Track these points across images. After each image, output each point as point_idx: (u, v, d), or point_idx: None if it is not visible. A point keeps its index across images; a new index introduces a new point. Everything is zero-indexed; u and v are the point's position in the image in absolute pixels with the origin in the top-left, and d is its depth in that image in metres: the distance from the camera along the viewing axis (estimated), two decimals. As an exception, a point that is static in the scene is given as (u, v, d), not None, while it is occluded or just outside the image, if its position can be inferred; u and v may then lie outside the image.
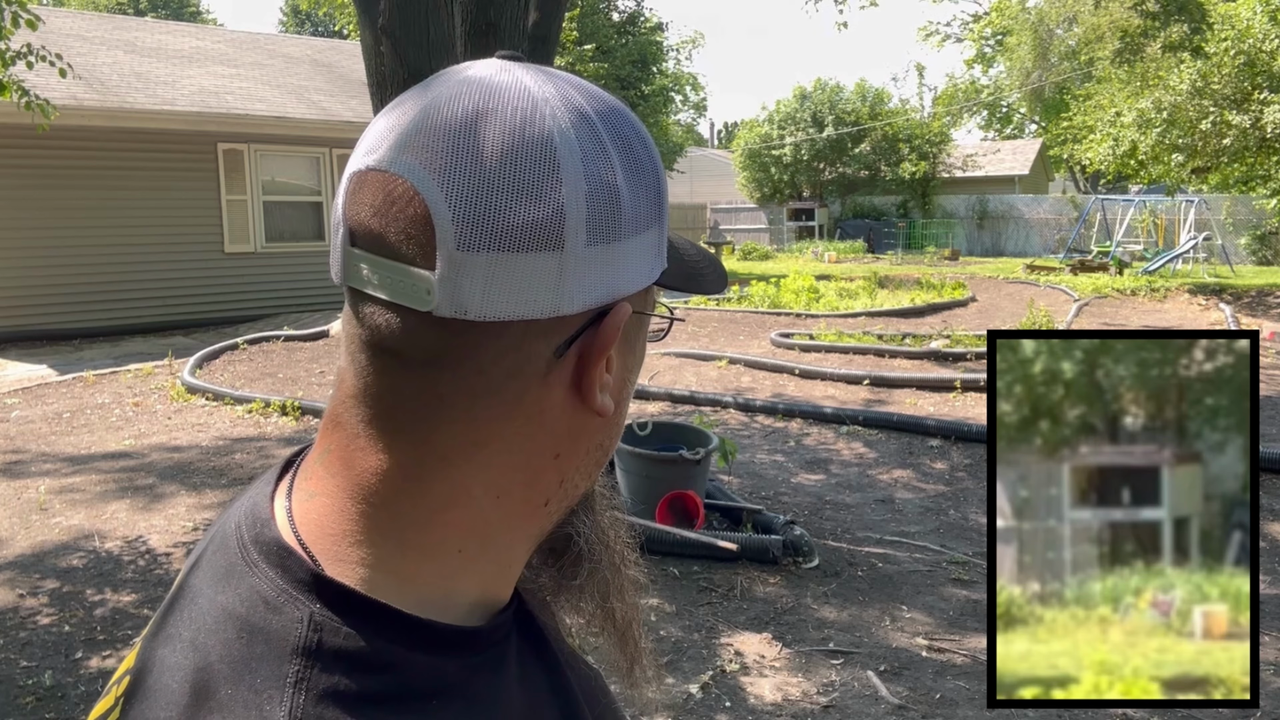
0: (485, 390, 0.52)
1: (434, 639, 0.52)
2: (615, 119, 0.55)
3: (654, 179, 0.56)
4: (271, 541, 0.54)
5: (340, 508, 0.54)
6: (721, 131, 61.01)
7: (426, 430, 0.53)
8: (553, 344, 0.52)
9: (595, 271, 0.52)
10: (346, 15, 15.02)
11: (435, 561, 0.54)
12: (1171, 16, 25.34)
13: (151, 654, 0.55)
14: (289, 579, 0.52)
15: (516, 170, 0.50)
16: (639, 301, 0.57)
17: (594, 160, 0.52)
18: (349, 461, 0.54)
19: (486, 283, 0.49)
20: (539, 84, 0.53)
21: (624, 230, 0.53)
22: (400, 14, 4.28)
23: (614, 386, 0.56)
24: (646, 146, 0.56)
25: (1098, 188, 32.18)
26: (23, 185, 11.48)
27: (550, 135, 0.51)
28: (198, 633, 0.53)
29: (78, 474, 6.00)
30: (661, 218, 0.57)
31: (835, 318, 13.10)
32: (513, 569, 0.58)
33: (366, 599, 0.51)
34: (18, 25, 6.41)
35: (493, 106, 0.51)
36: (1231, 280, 18.39)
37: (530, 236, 0.50)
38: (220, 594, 0.53)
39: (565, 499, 0.59)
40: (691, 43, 33.52)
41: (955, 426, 6.88)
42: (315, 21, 41.10)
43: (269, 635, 0.50)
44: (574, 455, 0.57)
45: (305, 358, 10.09)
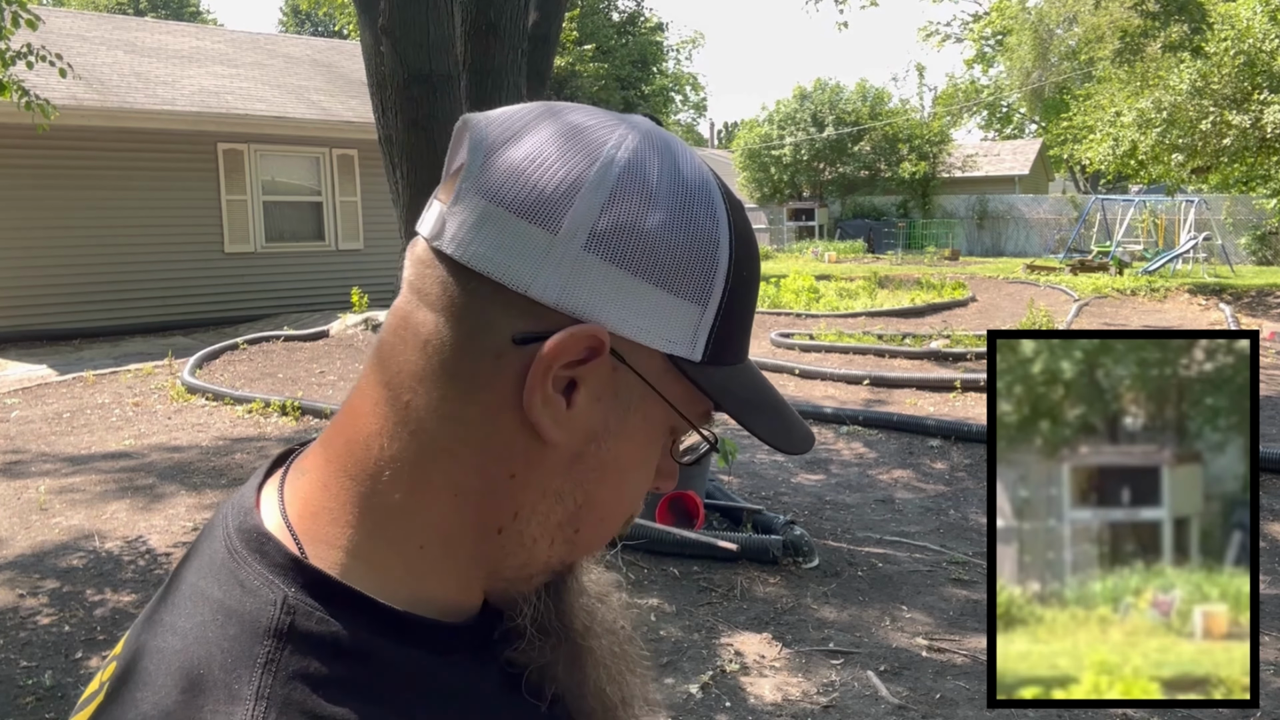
0: (453, 343, 0.53)
1: (406, 630, 0.52)
2: (693, 178, 0.55)
3: (709, 252, 0.54)
4: (252, 529, 0.55)
5: (324, 481, 0.55)
6: (721, 131, 61.02)
7: (397, 387, 0.54)
8: (515, 325, 0.52)
9: (584, 279, 0.51)
10: (346, 15, 15.03)
11: (401, 556, 0.54)
12: (1171, 16, 25.36)
13: (137, 640, 0.56)
14: (266, 564, 0.52)
15: (553, 151, 0.52)
16: (639, 361, 0.54)
17: (632, 183, 0.52)
18: (341, 428, 0.56)
19: (478, 225, 0.52)
20: (648, 129, 0.56)
21: (636, 266, 0.52)
22: (400, 14, 4.28)
23: (577, 428, 0.53)
24: (714, 219, 0.55)
25: (1098, 188, 32.19)
26: (23, 185, 11.48)
27: (603, 142, 0.53)
28: (178, 618, 0.53)
29: (78, 474, 6.00)
30: (707, 302, 0.54)
31: (835, 318, 13.10)
32: (474, 579, 0.57)
33: (341, 585, 0.52)
34: (18, 25, 6.41)
35: (589, 114, 0.55)
36: (1231, 280, 18.39)
37: (531, 206, 0.51)
38: (202, 580, 0.54)
39: (521, 546, 0.56)
40: (691, 43, 33.57)
41: (955, 426, 6.88)
42: (315, 21, 41.11)
43: (243, 618, 0.51)
44: (528, 485, 0.54)
45: (305, 358, 10.09)
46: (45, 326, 11.69)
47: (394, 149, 4.37)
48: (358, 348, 10.58)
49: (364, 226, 14.29)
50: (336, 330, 11.47)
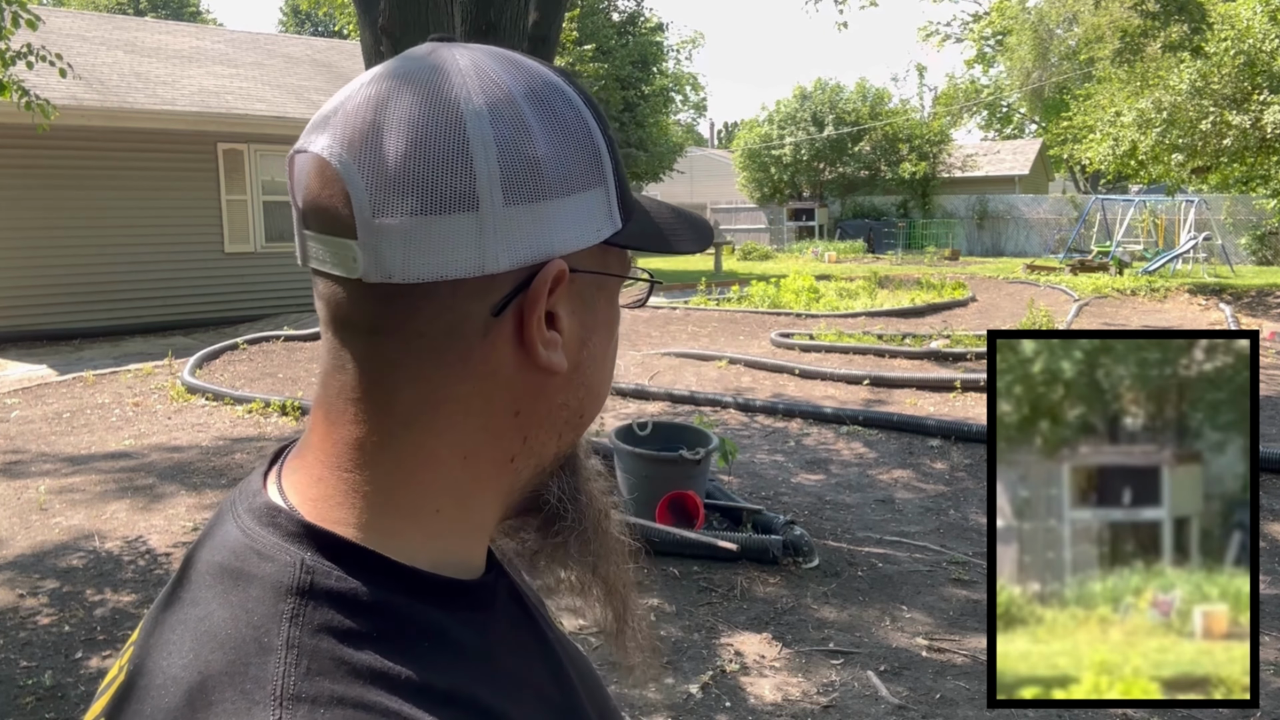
0: (430, 351, 0.55)
1: (423, 587, 0.54)
2: (535, 81, 0.57)
3: (587, 141, 0.57)
4: (261, 505, 0.57)
5: (319, 476, 0.57)
6: (721, 131, 61.02)
7: (385, 396, 0.56)
8: (488, 303, 0.54)
9: (520, 230, 0.54)
10: (346, 15, 15.03)
11: (416, 521, 0.56)
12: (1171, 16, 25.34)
13: (156, 621, 0.57)
14: (280, 533, 0.54)
15: (425, 137, 0.52)
16: (586, 261, 0.58)
17: (504, 124, 0.54)
18: (326, 434, 0.57)
19: (405, 246, 0.52)
20: (456, 59, 0.56)
21: (549, 190, 0.55)
22: (400, 14, 4.28)
23: (570, 346, 0.58)
24: (575, 110, 0.58)
25: (1098, 188, 32.18)
26: (23, 185, 11.48)
27: (455, 102, 0.53)
28: (198, 592, 0.55)
29: (78, 474, 6.00)
30: (605, 179, 0.58)
31: (835, 318, 13.10)
32: (487, 528, 0.61)
33: (355, 545, 0.54)
34: (18, 25, 6.41)
35: (407, 84, 0.54)
36: (1231, 280, 18.39)
37: (442, 199, 0.52)
38: (217, 557, 0.56)
39: (532, 456, 0.61)
40: (691, 43, 33.55)
41: (955, 426, 6.88)
42: (315, 21, 41.10)
43: (264, 581, 0.52)
44: (535, 414, 0.59)
45: (305, 358, 10.09)
46: (45, 326, 11.69)
47: (394, 149, 4.36)
48: (358, 348, 10.58)
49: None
50: (336, 330, 11.47)
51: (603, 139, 0.58)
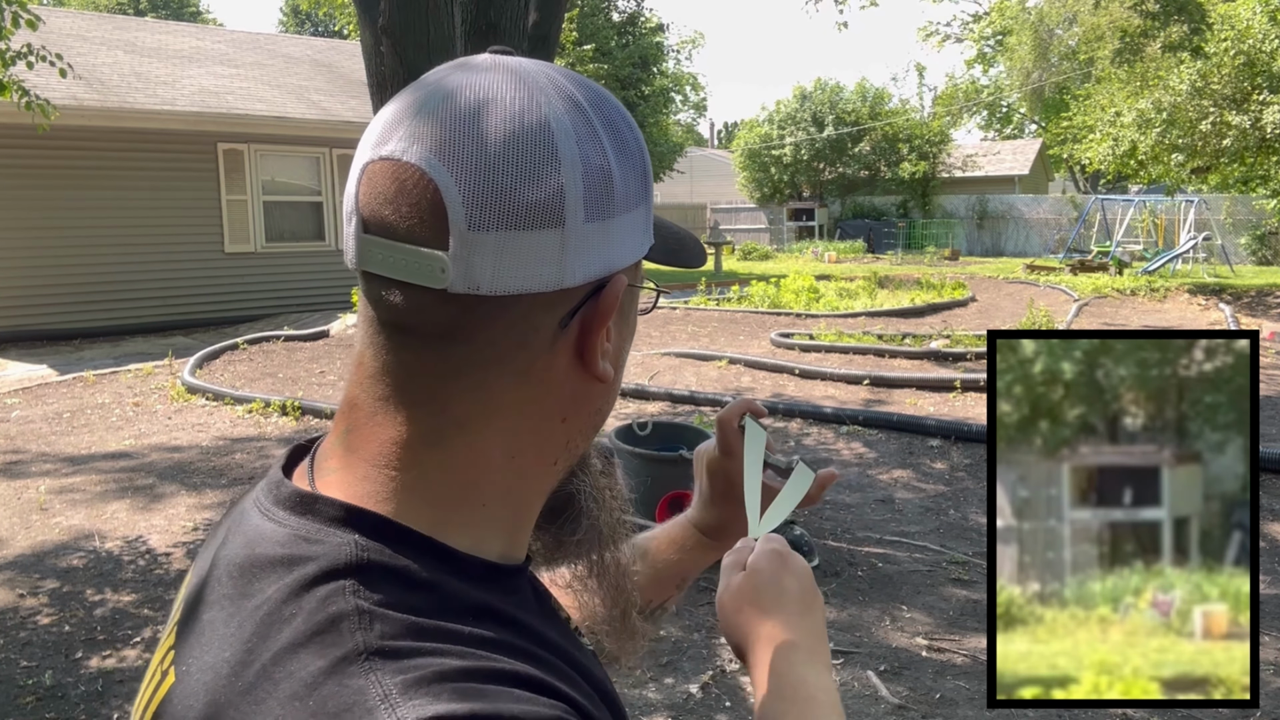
0: (497, 361, 0.56)
1: (470, 568, 0.56)
2: (603, 104, 0.59)
3: (640, 160, 0.60)
4: (292, 494, 0.58)
5: (365, 474, 0.57)
6: (721, 131, 61.01)
7: (443, 401, 0.57)
8: (557, 315, 0.57)
9: (593, 246, 0.56)
10: (346, 15, 15.04)
11: (461, 514, 0.57)
12: (1171, 16, 25.36)
13: (195, 621, 0.57)
14: (322, 519, 0.55)
15: (519, 154, 0.54)
16: (632, 275, 0.61)
17: (587, 143, 0.56)
18: (369, 436, 0.58)
19: (496, 259, 0.53)
20: (533, 74, 0.57)
21: (617, 207, 0.57)
22: (400, 14, 4.28)
23: (612, 354, 0.61)
24: (632, 130, 0.60)
25: (1097, 188, 32.17)
26: (23, 185, 11.48)
27: (546, 120, 0.55)
28: (245, 584, 0.55)
29: (78, 474, 6.00)
30: (648, 197, 0.61)
31: (835, 318, 13.10)
32: (528, 524, 0.63)
33: (402, 527, 0.55)
34: (18, 25, 6.41)
35: (492, 96, 0.55)
36: (1231, 280, 18.39)
37: (534, 215, 0.54)
38: (257, 549, 0.56)
39: (570, 459, 0.63)
40: (691, 43, 33.54)
41: (955, 426, 6.88)
42: (315, 21, 41.10)
43: (319, 559, 0.53)
44: (578, 418, 0.61)
45: (305, 358, 10.09)
46: (45, 326, 11.69)
47: (394, 149, 4.36)
48: (358, 348, 10.58)
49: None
50: (337, 330, 11.47)
51: (647, 157, 0.62)
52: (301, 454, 0.64)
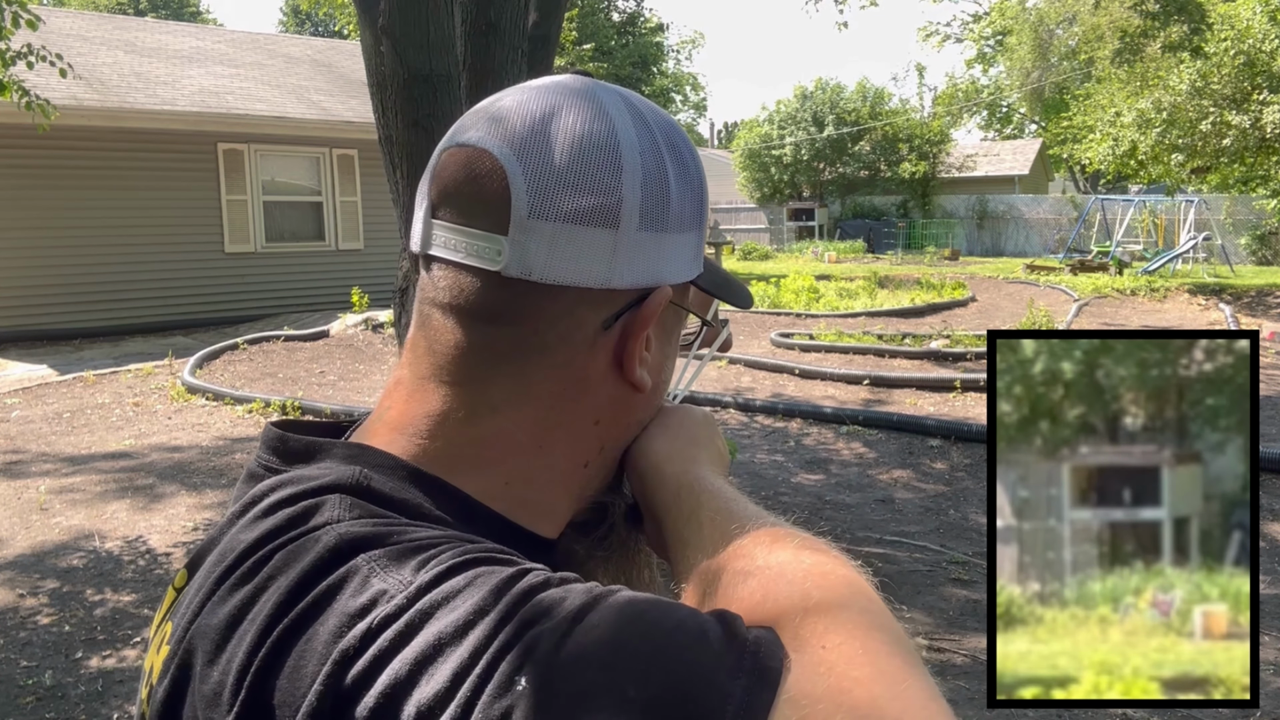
0: (539, 349, 0.58)
1: (474, 514, 0.57)
2: (669, 129, 0.62)
3: (699, 188, 0.63)
4: (297, 442, 0.60)
5: (389, 440, 0.59)
6: (721, 131, 61.02)
7: (482, 381, 0.58)
8: (601, 315, 0.59)
9: (643, 255, 0.59)
10: (346, 15, 15.04)
11: (481, 483, 0.58)
12: (1171, 16, 25.36)
13: (210, 540, 0.59)
14: (329, 457, 0.57)
15: (585, 155, 0.57)
16: (678, 295, 0.63)
17: (650, 158, 0.59)
18: (405, 411, 0.60)
19: (550, 248, 0.56)
20: (607, 91, 0.61)
21: (670, 224, 0.60)
22: (400, 14, 4.27)
23: (652, 367, 0.62)
24: (695, 159, 0.63)
25: (1097, 188, 32.18)
26: (23, 185, 11.48)
27: (614, 130, 0.58)
28: (252, 520, 0.56)
29: (78, 474, 6.00)
30: (702, 225, 0.64)
31: (835, 318, 13.10)
32: (555, 515, 0.63)
33: (414, 466, 0.57)
34: (18, 25, 6.41)
35: (568, 103, 0.59)
36: (1231, 280, 18.39)
37: (591, 213, 0.57)
38: (259, 492, 0.58)
39: (604, 466, 0.65)
40: (691, 43, 33.57)
41: (955, 426, 6.88)
42: (315, 21, 41.10)
43: (321, 488, 0.55)
44: (613, 425, 0.63)
45: (305, 358, 10.09)
46: (45, 326, 11.69)
47: (394, 149, 4.36)
48: (358, 348, 10.58)
49: (364, 226, 14.28)
50: (337, 330, 11.47)
51: (705, 189, 0.64)
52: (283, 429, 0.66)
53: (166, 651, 0.56)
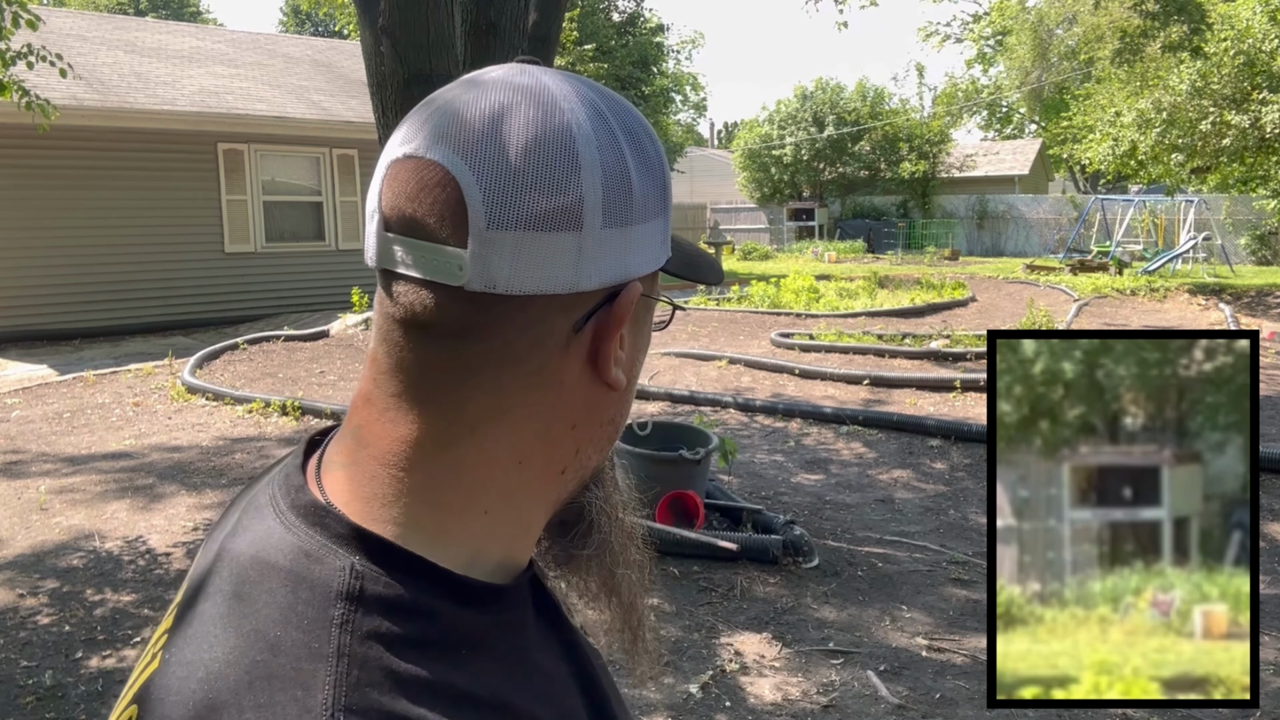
0: (511, 361, 0.57)
1: (464, 592, 0.56)
2: (625, 115, 0.60)
3: (660, 172, 0.61)
4: (308, 504, 0.58)
5: (372, 474, 0.58)
6: (721, 131, 61.01)
7: (456, 400, 0.57)
8: (572, 318, 0.57)
9: (610, 252, 0.57)
10: (346, 15, 15.03)
11: (463, 521, 0.58)
12: (1171, 16, 25.37)
13: (191, 610, 0.58)
14: (328, 534, 0.56)
15: (540, 157, 0.54)
16: (647, 285, 0.61)
17: (608, 150, 0.57)
18: (380, 433, 0.58)
19: (514, 259, 0.54)
20: (557, 82, 0.58)
21: (635, 216, 0.58)
22: (400, 14, 4.28)
23: (625, 363, 0.61)
24: (653, 142, 0.61)
25: (1097, 188, 32.18)
26: (23, 185, 11.48)
27: (569, 126, 0.56)
28: (241, 585, 0.56)
29: (78, 474, 6.00)
30: (667, 209, 0.62)
31: (835, 318, 13.10)
32: (532, 533, 0.62)
33: (403, 550, 0.55)
34: (18, 25, 6.41)
35: (517, 101, 0.56)
36: (1231, 280, 18.39)
37: (553, 217, 0.54)
38: (261, 552, 0.57)
39: (580, 469, 0.63)
40: (691, 43, 33.55)
41: (955, 426, 6.88)
42: (315, 21, 41.09)
43: (313, 583, 0.54)
44: (589, 426, 0.62)
45: (305, 358, 10.09)
46: (45, 326, 11.69)
47: (394, 149, 4.36)
48: (358, 348, 10.58)
49: (364, 227, 14.28)
50: (337, 330, 11.47)
51: (668, 171, 0.62)
52: (316, 446, 0.64)
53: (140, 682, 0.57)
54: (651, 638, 0.77)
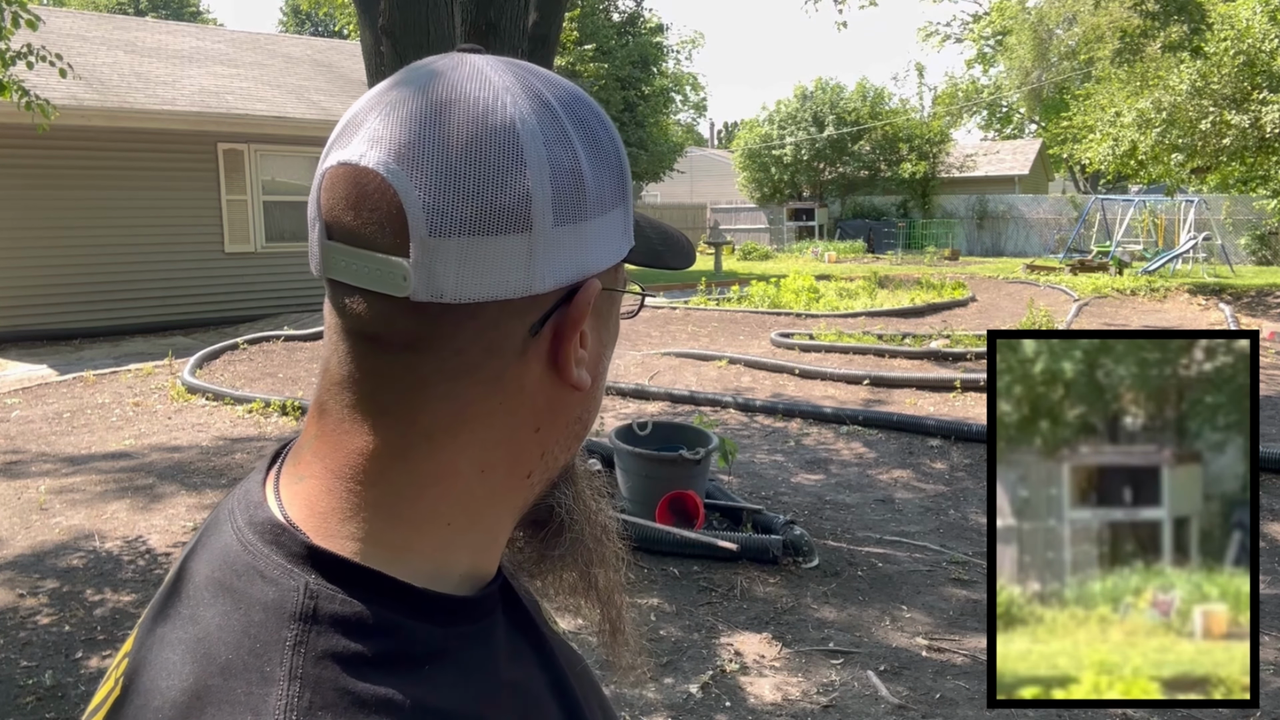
0: (466, 369, 0.54)
1: (427, 606, 0.54)
2: (575, 104, 0.57)
3: (615, 160, 0.58)
4: (265, 521, 0.56)
5: (329, 487, 0.55)
6: (721, 131, 61.01)
7: (411, 411, 0.54)
8: (527, 322, 0.54)
9: (564, 251, 0.54)
10: (346, 15, 15.03)
11: (425, 534, 0.56)
12: (1171, 16, 25.36)
13: (151, 633, 0.57)
14: (284, 554, 0.54)
15: (482, 157, 0.51)
16: (609, 279, 0.58)
17: (556, 144, 0.54)
18: (336, 445, 0.56)
19: (460, 266, 0.51)
20: (499, 73, 0.55)
21: (590, 210, 0.55)
22: (400, 14, 4.28)
23: (590, 361, 0.58)
24: (607, 129, 0.58)
25: (1097, 188, 32.17)
26: (23, 185, 11.48)
27: (512, 121, 0.53)
28: (197, 609, 0.54)
29: (78, 474, 6.00)
30: (626, 198, 0.59)
31: (835, 318, 13.10)
32: (499, 541, 0.60)
33: (360, 567, 0.53)
34: (18, 25, 6.40)
35: (455, 97, 0.53)
36: (1231, 280, 18.39)
37: (499, 220, 0.51)
38: (217, 573, 0.55)
39: (547, 471, 0.61)
40: (691, 43, 33.56)
41: (955, 426, 6.88)
42: (315, 21, 41.10)
43: (267, 605, 0.52)
44: (554, 428, 0.59)
45: (305, 358, 10.09)
46: (45, 326, 11.69)
47: (394, 149, 4.36)
48: (358, 348, 10.58)
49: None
50: (336, 330, 11.46)
51: (625, 157, 0.59)
52: (280, 458, 0.63)
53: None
54: (631, 630, 0.75)
